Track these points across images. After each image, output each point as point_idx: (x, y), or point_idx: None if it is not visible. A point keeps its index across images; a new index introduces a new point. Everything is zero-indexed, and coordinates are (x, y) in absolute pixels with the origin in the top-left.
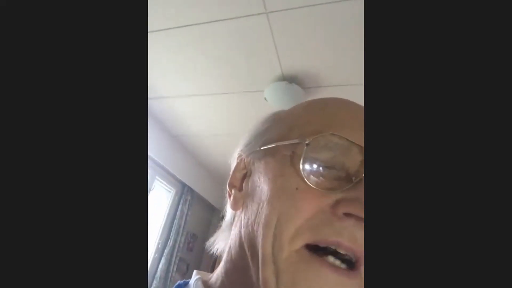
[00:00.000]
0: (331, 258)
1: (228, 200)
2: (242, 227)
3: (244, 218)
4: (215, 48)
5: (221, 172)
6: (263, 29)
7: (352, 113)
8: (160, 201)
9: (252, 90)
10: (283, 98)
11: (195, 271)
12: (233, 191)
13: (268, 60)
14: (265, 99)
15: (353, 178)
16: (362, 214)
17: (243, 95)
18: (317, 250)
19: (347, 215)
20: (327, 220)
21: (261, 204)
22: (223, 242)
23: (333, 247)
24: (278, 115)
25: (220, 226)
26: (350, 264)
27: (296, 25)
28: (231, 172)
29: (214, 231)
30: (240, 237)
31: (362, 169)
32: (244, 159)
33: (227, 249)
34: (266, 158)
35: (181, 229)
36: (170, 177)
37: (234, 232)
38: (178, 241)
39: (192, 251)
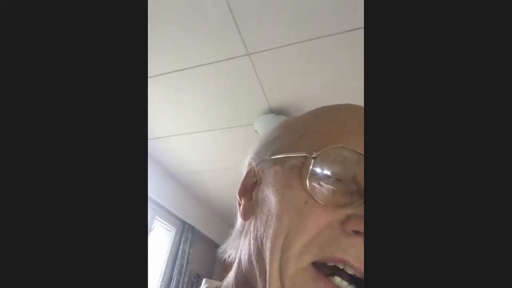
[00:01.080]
0: (337, 279)
1: (238, 209)
2: (252, 239)
3: (254, 229)
4: (205, 89)
5: (220, 207)
6: (247, 68)
7: (363, 121)
8: (160, 241)
9: (243, 124)
10: None
11: (204, 279)
12: (242, 200)
13: (255, 95)
14: (256, 131)
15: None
16: None
17: (235, 130)
18: (325, 268)
19: (357, 232)
20: (335, 236)
21: (270, 217)
22: (234, 250)
23: (341, 266)
24: (289, 123)
25: (231, 234)
26: (359, 283)
27: (277, 62)
28: (241, 181)
29: (219, 271)
30: (250, 249)
31: None
32: (254, 168)
33: (237, 260)
34: (276, 167)
35: (184, 269)
36: (170, 216)
37: (245, 243)
38: (181, 282)
39: None
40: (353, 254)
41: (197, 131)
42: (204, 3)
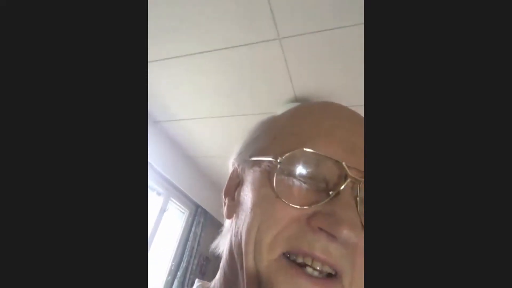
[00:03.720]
0: (309, 269)
1: (224, 208)
2: (233, 236)
3: (235, 227)
4: (231, 72)
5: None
6: (276, 53)
7: (336, 121)
8: (174, 223)
9: (266, 112)
10: None
11: (196, 280)
12: (227, 200)
13: (281, 82)
14: None
15: (331, 192)
16: (333, 231)
17: (257, 117)
18: (297, 262)
19: (320, 229)
20: (301, 231)
21: (246, 213)
22: (223, 246)
23: (309, 262)
24: (267, 123)
25: (221, 231)
26: (329, 276)
27: (308, 49)
28: (226, 181)
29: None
30: (231, 245)
31: (340, 183)
32: (237, 168)
33: (223, 256)
34: (254, 167)
35: (194, 251)
36: (184, 198)
37: (227, 240)
38: (191, 264)
39: (205, 275)
40: (318, 247)
41: (218, 115)
42: None
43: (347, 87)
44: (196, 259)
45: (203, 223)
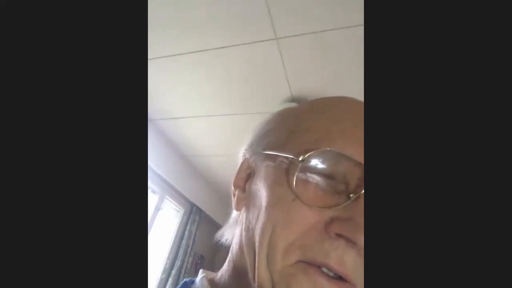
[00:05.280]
0: (324, 269)
1: (232, 199)
2: (243, 230)
3: (246, 220)
4: (227, 72)
5: (228, 192)
6: (273, 54)
7: (356, 118)
8: (169, 221)
9: (262, 111)
10: None
11: (201, 270)
12: (236, 191)
13: (277, 82)
14: None
15: (351, 195)
16: (353, 236)
17: (253, 116)
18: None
19: (339, 235)
20: (318, 239)
21: (260, 211)
22: (230, 236)
23: (324, 270)
24: (283, 115)
25: (228, 221)
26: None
27: (305, 50)
28: (236, 171)
29: (222, 253)
30: (241, 240)
31: (361, 186)
32: (248, 159)
33: (232, 249)
34: (267, 161)
35: (189, 249)
36: (179, 197)
37: (237, 232)
38: (185, 262)
39: None
40: (334, 257)
41: (214, 114)
42: None
43: (344, 88)
44: (191, 258)
45: (198, 222)
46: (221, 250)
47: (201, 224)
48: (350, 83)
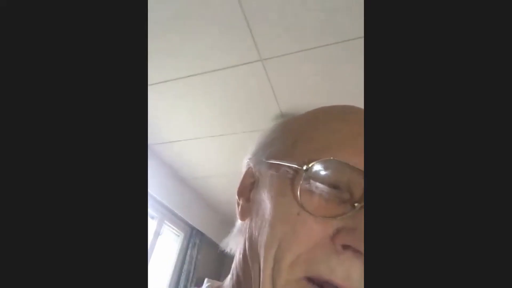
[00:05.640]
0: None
1: (237, 208)
2: (247, 240)
3: (249, 231)
4: (217, 94)
5: (228, 212)
6: (260, 74)
7: (360, 127)
8: (169, 246)
9: (255, 129)
10: None
11: (206, 279)
12: (241, 200)
13: (266, 101)
14: None
15: (356, 204)
16: (359, 247)
17: (247, 135)
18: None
19: (345, 246)
20: (324, 254)
21: (264, 223)
22: (234, 245)
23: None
24: (286, 124)
25: (232, 231)
26: None
27: (290, 68)
28: (240, 180)
29: (225, 276)
30: (245, 250)
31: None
32: (252, 168)
33: (235, 258)
34: (271, 171)
35: (191, 275)
36: (179, 221)
37: (241, 242)
38: None
39: None
40: (339, 273)
41: (209, 135)
42: (216, 8)
43: (331, 101)
44: (194, 283)
45: (199, 245)
46: (223, 273)
47: (202, 248)
48: (338, 97)
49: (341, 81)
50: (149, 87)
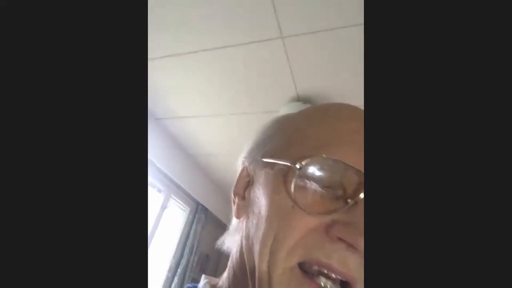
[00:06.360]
0: (323, 279)
1: (233, 207)
2: (243, 238)
3: (245, 229)
4: (232, 71)
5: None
6: (279, 52)
7: (354, 124)
8: (175, 220)
9: (268, 111)
10: None
11: (203, 276)
12: (236, 199)
13: (283, 81)
14: None
15: (349, 200)
16: (353, 241)
17: (259, 116)
18: (311, 269)
19: (339, 239)
20: (319, 241)
21: (260, 220)
22: (231, 243)
23: (325, 271)
24: (281, 122)
25: (229, 229)
26: (344, 285)
27: (311, 48)
28: (235, 179)
29: (228, 254)
30: (241, 247)
31: (359, 191)
32: (247, 167)
33: (232, 256)
34: (266, 169)
35: (195, 248)
36: (185, 196)
37: (237, 240)
38: (191, 261)
39: (205, 272)
40: (335, 258)
41: (220, 114)
42: None
43: (350, 87)
44: (196, 256)
45: (204, 221)
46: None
47: (207, 223)
48: (357, 82)
49: (361, 65)
50: (163, 59)
